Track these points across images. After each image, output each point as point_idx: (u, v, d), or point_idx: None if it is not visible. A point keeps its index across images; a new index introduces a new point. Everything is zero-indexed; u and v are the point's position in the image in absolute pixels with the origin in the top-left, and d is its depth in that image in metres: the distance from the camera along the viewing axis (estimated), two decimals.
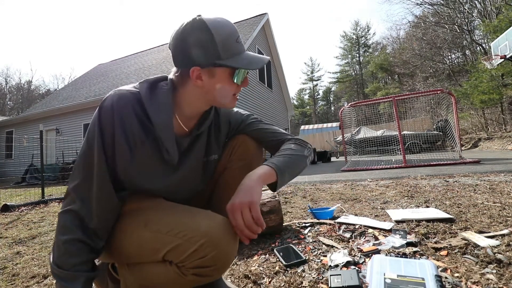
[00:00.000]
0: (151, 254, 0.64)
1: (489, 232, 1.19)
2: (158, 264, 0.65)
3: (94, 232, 0.64)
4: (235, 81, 0.67)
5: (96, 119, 0.64)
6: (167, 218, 0.66)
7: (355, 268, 0.96)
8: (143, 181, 0.70)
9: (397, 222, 1.44)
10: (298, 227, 1.55)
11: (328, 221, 1.57)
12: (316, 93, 44.36)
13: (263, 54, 10.38)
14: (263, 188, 1.69)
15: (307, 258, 1.10)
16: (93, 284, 0.70)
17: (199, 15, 0.64)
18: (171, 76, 0.71)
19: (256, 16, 12.24)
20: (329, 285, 0.85)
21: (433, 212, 1.51)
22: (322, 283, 0.90)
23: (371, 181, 3.28)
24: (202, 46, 0.62)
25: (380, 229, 1.34)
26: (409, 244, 1.13)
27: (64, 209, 0.63)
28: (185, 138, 0.74)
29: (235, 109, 0.88)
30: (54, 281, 1.14)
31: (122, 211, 0.70)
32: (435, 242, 1.14)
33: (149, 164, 0.68)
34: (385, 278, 0.80)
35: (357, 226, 1.42)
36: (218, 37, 0.62)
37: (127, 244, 0.66)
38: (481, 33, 15.58)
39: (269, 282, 0.95)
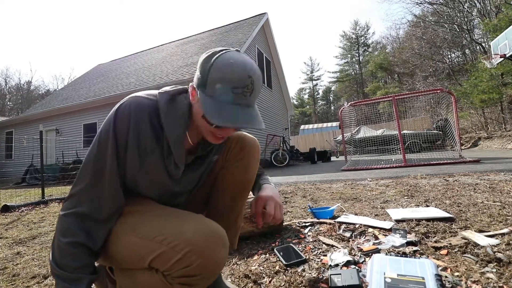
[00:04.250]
0: (138, 260, 0.62)
1: (489, 231, 1.19)
2: (146, 272, 0.63)
3: (97, 234, 0.63)
4: (207, 120, 0.62)
5: (111, 122, 0.64)
6: (154, 223, 0.64)
7: (355, 268, 0.96)
8: (145, 188, 0.70)
9: (397, 221, 1.44)
10: (298, 226, 1.55)
11: (328, 221, 1.57)
12: (316, 93, 44.32)
13: (262, 54, 10.23)
14: None
15: (307, 257, 1.10)
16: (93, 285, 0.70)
17: (238, 50, 0.63)
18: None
19: (256, 15, 12.21)
20: (329, 285, 0.86)
21: (433, 211, 1.51)
22: (322, 282, 0.90)
23: (371, 181, 3.28)
24: (202, 69, 0.61)
25: (380, 229, 1.34)
26: (409, 243, 1.13)
27: (67, 211, 0.62)
28: (189, 156, 0.74)
29: None
30: (54, 282, 1.15)
31: None
32: (435, 241, 1.14)
33: (154, 172, 0.68)
34: (385, 278, 0.80)
35: (357, 226, 1.42)
36: (212, 75, 0.59)
37: (117, 249, 0.65)
38: (481, 32, 15.58)
39: (269, 281, 0.95)
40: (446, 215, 1.43)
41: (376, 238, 1.24)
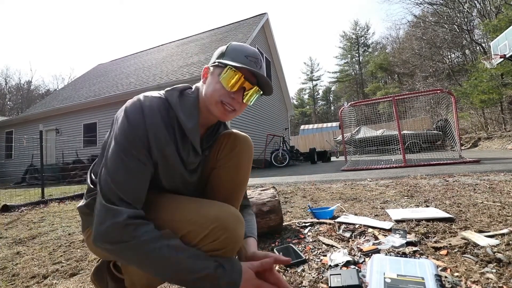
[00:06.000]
0: None
1: (489, 231, 1.19)
2: None
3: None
4: (220, 79, 0.70)
5: (124, 122, 0.65)
6: (178, 206, 0.68)
7: (355, 268, 0.96)
8: (163, 178, 0.73)
9: (397, 221, 1.44)
10: (298, 226, 1.55)
11: (328, 221, 1.57)
12: (316, 93, 44.37)
13: (262, 54, 10.40)
14: (263, 188, 1.69)
15: (307, 257, 1.10)
16: (92, 284, 0.70)
17: None
18: (198, 84, 0.79)
19: (256, 16, 12.22)
20: (329, 285, 0.85)
21: (433, 212, 1.51)
22: (322, 282, 0.90)
23: (371, 181, 3.28)
24: (218, 51, 0.75)
25: (380, 229, 1.34)
26: (409, 243, 1.13)
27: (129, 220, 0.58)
28: None
29: None
30: (57, 280, 1.15)
31: None
32: (435, 242, 1.14)
33: (168, 163, 0.71)
34: (385, 278, 0.80)
35: (357, 226, 1.42)
36: (231, 46, 0.74)
37: None
38: (481, 33, 15.60)
39: None
40: (446, 215, 1.43)
41: (376, 238, 1.24)
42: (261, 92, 0.75)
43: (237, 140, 0.82)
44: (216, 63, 0.72)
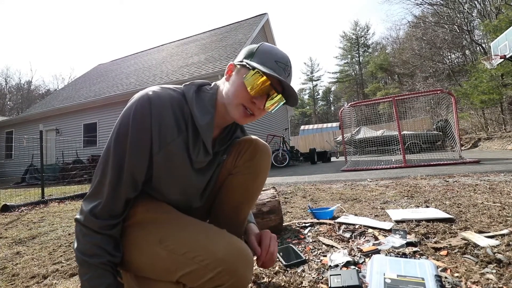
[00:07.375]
0: (164, 273, 0.61)
1: (489, 232, 1.19)
2: (171, 285, 0.61)
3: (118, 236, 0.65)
4: (245, 81, 0.65)
5: (130, 113, 0.62)
6: (183, 236, 0.62)
7: (355, 268, 0.96)
8: (162, 179, 0.68)
9: (397, 222, 1.44)
10: (298, 227, 1.55)
11: (328, 221, 1.57)
12: (316, 93, 44.36)
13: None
14: (263, 189, 1.70)
15: (307, 258, 1.10)
16: None
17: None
18: (218, 82, 0.76)
19: (256, 16, 12.23)
20: (329, 285, 0.85)
21: (433, 212, 1.51)
22: (322, 283, 0.90)
23: (371, 181, 3.28)
24: (248, 49, 0.70)
25: (380, 229, 1.34)
26: (409, 244, 1.13)
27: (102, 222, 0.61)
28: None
29: None
30: (57, 280, 1.15)
31: (133, 220, 0.66)
32: (435, 242, 1.14)
33: (172, 162, 0.66)
34: (385, 278, 0.80)
35: (357, 226, 1.42)
36: (262, 47, 0.69)
37: (139, 259, 0.63)
38: (481, 33, 15.59)
39: (269, 282, 0.95)
40: (446, 216, 1.43)
41: (376, 238, 1.24)
42: (284, 101, 0.70)
43: (258, 149, 0.80)
44: (244, 63, 0.67)
